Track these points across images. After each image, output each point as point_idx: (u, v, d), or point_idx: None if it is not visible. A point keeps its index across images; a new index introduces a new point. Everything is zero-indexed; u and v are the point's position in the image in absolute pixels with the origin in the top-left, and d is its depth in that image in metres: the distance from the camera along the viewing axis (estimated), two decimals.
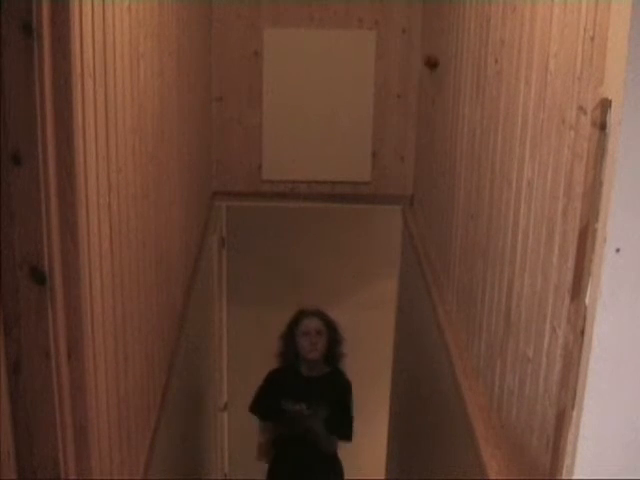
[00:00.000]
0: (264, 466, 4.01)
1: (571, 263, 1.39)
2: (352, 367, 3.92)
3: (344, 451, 3.95)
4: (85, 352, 1.47)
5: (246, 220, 5.09)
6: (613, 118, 1.18)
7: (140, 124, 2.05)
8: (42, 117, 1.26)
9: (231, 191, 4.20)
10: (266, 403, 3.78)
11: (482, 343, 2.25)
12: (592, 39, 1.34)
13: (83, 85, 1.44)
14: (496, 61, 2.16)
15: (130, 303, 1.96)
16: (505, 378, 1.95)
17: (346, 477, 4.01)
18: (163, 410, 2.44)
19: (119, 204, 1.80)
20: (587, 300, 1.25)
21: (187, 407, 3.32)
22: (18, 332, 1.31)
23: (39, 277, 1.31)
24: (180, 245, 2.93)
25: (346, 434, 3.73)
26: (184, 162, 3.00)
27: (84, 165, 1.46)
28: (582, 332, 1.27)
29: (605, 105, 1.21)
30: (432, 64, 3.38)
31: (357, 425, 3.81)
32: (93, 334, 1.55)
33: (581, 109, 1.40)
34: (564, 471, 1.32)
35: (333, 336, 3.72)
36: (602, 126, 1.22)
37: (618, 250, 1.19)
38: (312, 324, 3.67)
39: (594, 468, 1.29)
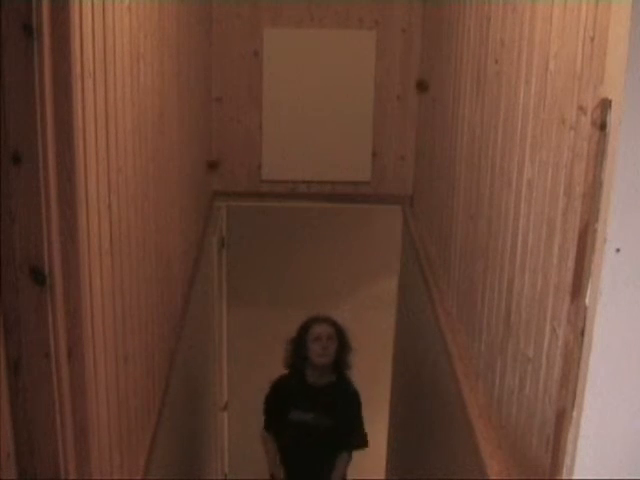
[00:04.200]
0: (264, 466, 4.01)
1: (571, 263, 1.39)
2: (352, 367, 3.91)
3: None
4: (85, 352, 1.47)
5: (246, 220, 5.09)
6: (613, 118, 1.18)
7: (140, 124, 2.05)
8: (42, 117, 1.26)
9: (231, 191, 4.20)
10: (278, 416, 3.76)
11: (482, 343, 2.25)
12: (592, 39, 1.34)
13: (83, 85, 1.44)
14: (496, 61, 2.16)
15: (130, 303, 1.96)
16: (505, 378, 1.95)
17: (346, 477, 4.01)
18: (163, 410, 2.44)
19: (119, 204, 1.80)
20: (587, 300, 1.25)
21: (187, 407, 3.32)
22: (18, 332, 1.31)
23: (39, 277, 1.31)
24: (180, 245, 2.93)
25: (359, 442, 3.76)
26: (184, 162, 3.00)
27: (84, 165, 1.46)
28: (582, 332, 1.27)
29: (605, 105, 1.21)
30: (423, 87, 3.45)
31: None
32: (93, 334, 1.55)
33: (581, 109, 1.40)
34: (564, 471, 1.32)
35: (343, 343, 3.72)
36: (602, 126, 1.22)
37: (618, 250, 1.19)
38: (323, 330, 3.67)
39: (594, 468, 1.29)
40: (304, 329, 3.72)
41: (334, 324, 3.72)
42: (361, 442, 3.77)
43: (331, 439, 3.67)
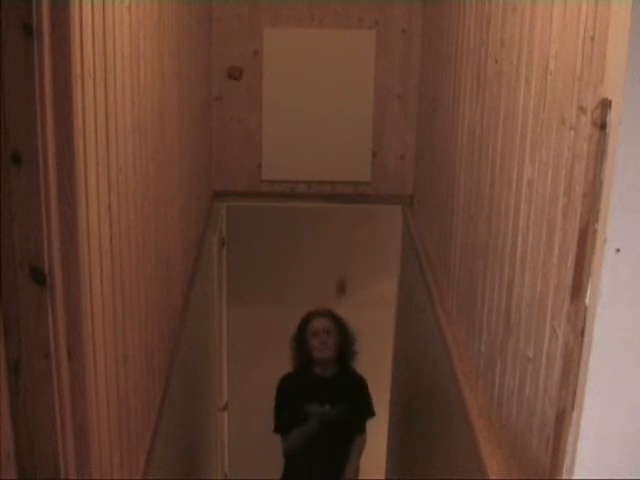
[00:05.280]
0: (264, 466, 4.01)
1: (571, 263, 1.39)
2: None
3: None
4: (85, 352, 1.47)
5: (246, 220, 5.09)
6: (613, 118, 1.18)
7: (140, 124, 2.05)
8: (42, 117, 1.26)
9: (231, 191, 4.20)
10: (289, 414, 3.74)
11: (482, 343, 2.25)
12: (592, 39, 1.34)
13: (83, 85, 1.44)
14: (496, 61, 2.16)
15: (130, 303, 1.96)
16: (505, 378, 1.95)
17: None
18: (163, 410, 2.44)
19: (119, 204, 1.80)
20: (587, 300, 1.25)
21: (187, 407, 3.32)
22: (18, 332, 1.31)
23: (39, 277, 1.31)
24: (180, 245, 2.92)
25: (369, 414, 3.78)
26: (184, 162, 3.00)
27: (84, 165, 1.46)
28: (582, 332, 1.27)
29: (605, 105, 1.21)
30: (234, 75, 3.47)
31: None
32: (93, 334, 1.55)
33: (581, 109, 1.40)
34: (564, 471, 1.32)
35: (343, 335, 3.72)
36: (602, 126, 1.22)
37: (618, 250, 1.19)
38: (321, 324, 3.67)
39: (594, 468, 1.29)
40: (303, 324, 3.73)
41: (333, 317, 3.72)
42: (369, 414, 3.79)
43: (346, 428, 3.68)
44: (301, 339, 3.72)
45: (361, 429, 3.79)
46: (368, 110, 4.08)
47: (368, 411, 3.80)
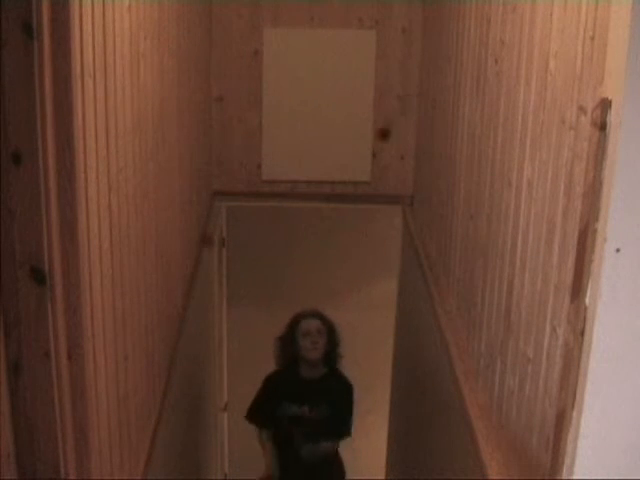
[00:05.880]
0: (264, 466, 4.01)
1: (571, 263, 1.39)
2: (352, 367, 3.92)
3: (344, 451, 3.95)
4: (85, 352, 1.47)
5: (246, 220, 5.09)
6: (613, 118, 1.18)
7: (140, 124, 2.05)
8: (42, 117, 1.26)
9: (231, 191, 4.20)
10: (265, 408, 3.78)
11: (482, 343, 2.25)
12: (592, 39, 1.34)
13: (83, 85, 1.44)
14: (496, 61, 2.16)
15: (130, 303, 1.96)
16: (505, 378, 1.95)
17: (346, 477, 4.01)
18: (163, 410, 2.44)
19: (119, 204, 1.80)
20: (587, 300, 1.25)
21: (187, 407, 3.32)
22: (18, 332, 1.31)
23: (39, 277, 1.31)
24: (180, 245, 2.93)
25: (346, 430, 3.75)
26: (184, 162, 3.00)
27: (84, 165, 1.46)
28: (582, 332, 1.27)
29: (605, 105, 1.21)
30: (383, 135, 3.49)
31: (357, 425, 3.81)
32: (93, 334, 1.55)
33: (581, 109, 1.40)
34: (564, 471, 1.32)
35: (332, 337, 3.74)
36: (602, 126, 1.22)
37: (618, 250, 1.19)
38: (313, 324, 3.69)
39: (594, 468, 1.29)
40: (293, 325, 3.74)
41: (322, 318, 3.74)
42: (345, 431, 3.77)
43: (325, 431, 3.68)
44: (290, 339, 3.73)
45: (334, 437, 3.77)
46: (368, 110, 4.08)
47: (344, 430, 3.77)
